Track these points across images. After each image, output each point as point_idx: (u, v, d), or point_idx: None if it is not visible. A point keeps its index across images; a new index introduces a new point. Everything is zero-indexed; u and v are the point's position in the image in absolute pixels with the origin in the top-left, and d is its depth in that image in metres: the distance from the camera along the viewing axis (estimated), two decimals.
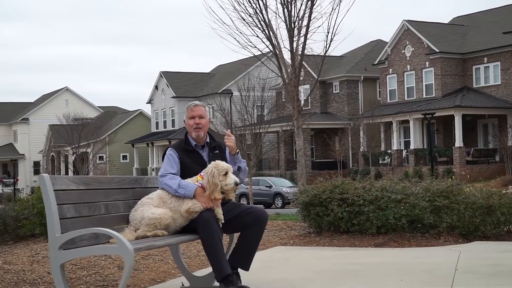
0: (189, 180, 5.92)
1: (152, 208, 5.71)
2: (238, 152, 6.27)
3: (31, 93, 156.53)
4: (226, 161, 6.27)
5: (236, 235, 6.41)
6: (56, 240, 4.87)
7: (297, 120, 14.84)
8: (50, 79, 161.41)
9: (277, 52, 14.65)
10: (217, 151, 6.28)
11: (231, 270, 5.78)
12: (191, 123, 6.20)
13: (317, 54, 15.32)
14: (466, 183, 13.32)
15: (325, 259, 8.38)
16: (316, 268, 7.56)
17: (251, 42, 15.79)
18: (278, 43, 14.81)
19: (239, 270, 6.06)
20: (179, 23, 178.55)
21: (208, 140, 6.30)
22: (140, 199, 5.86)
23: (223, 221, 5.83)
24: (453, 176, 12.62)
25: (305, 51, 14.63)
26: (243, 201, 37.38)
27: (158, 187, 6.03)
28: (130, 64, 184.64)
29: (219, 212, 5.83)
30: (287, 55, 14.89)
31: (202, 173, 5.88)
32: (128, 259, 4.61)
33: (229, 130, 6.46)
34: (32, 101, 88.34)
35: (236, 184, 5.77)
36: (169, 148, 6.22)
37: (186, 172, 6.03)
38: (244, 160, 6.39)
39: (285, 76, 14.85)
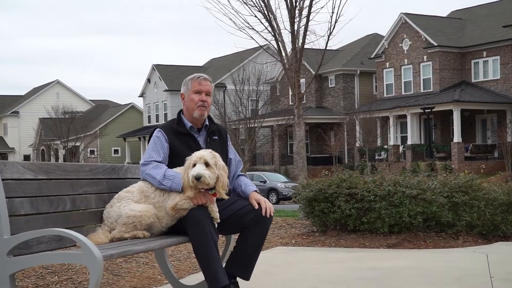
0: (177, 169, 4.79)
1: (131, 204, 4.61)
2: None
3: (21, 86, 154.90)
4: (226, 150, 5.20)
5: (234, 237, 5.36)
6: (4, 244, 3.76)
7: (297, 108, 13.73)
8: (41, 72, 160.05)
9: (277, 34, 13.51)
10: (216, 137, 5.18)
11: (228, 280, 4.70)
12: (196, 99, 5.02)
13: (321, 36, 14.17)
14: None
15: (335, 262, 7.31)
16: (326, 274, 6.49)
17: (248, 23, 14.61)
18: (277, 24, 13.68)
19: (238, 279, 5.00)
20: (173, 15, 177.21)
21: (206, 122, 5.17)
22: (117, 193, 4.76)
23: (218, 221, 4.73)
24: (465, 171, 11.57)
25: (307, 32, 13.50)
26: None
27: (139, 178, 4.92)
28: (122, 57, 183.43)
29: (214, 210, 4.71)
30: (287, 38, 13.82)
31: None
32: (95, 269, 3.50)
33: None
34: (22, 94, 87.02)
35: (197, 178, 4.50)
36: (157, 129, 5.05)
37: (176, 159, 4.88)
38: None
39: (285, 61, 13.75)
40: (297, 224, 11.08)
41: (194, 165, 4.59)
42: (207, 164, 4.60)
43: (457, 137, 42.05)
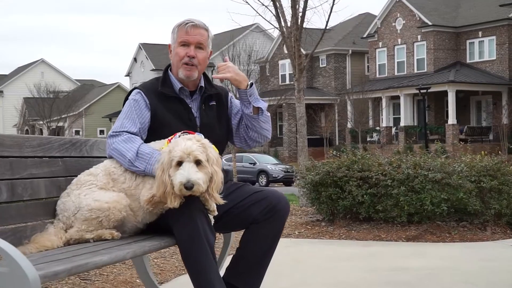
0: (154, 144, 3.50)
1: (95, 192, 3.31)
2: (251, 84, 3.80)
3: (5, 65, 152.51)
4: (229, 121, 3.90)
5: (236, 235, 4.10)
6: None
7: (298, 81, 12.44)
8: (26, 51, 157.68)
9: None
10: (214, 102, 3.82)
11: None
12: (181, 54, 3.68)
13: (325, 0, 12.78)
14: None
15: (352, 260, 6.07)
16: (344, 276, 5.25)
17: None
18: None
19: None
20: None
21: (202, 84, 3.81)
22: (77, 176, 3.47)
23: (216, 213, 3.43)
24: (482, 152, 10.28)
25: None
26: None
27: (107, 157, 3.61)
28: (109, 35, 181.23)
29: (208, 199, 3.40)
30: (287, 3, 12.55)
31: (178, 134, 3.40)
32: None
33: (226, 57, 3.90)
34: (6, 73, 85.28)
35: (188, 187, 3.17)
36: (135, 90, 3.72)
37: (159, 131, 3.58)
38: (265, 101, 3.96)
39: (284, 29, 12.43)
40: (298, 211, 9.86)
41: (179, 163, 3.24)
42: (198, 163, 3.25)
43: (451, 119, 40.96)
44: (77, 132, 64.84)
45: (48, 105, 56.32)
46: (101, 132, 67.79)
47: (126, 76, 66.49)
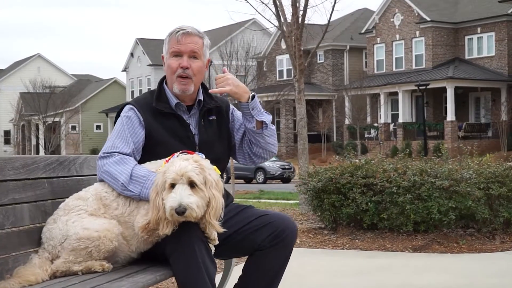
0: (150, 165, 3.21)
1: (84, 219, 3.01)
2: (253, 96, 3.46)
3: (2, 60, 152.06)
4: (231, 137, 3.58)
5: (237, 261, 3.81)
6: None
7: (298, 81, 12.08)
8: (22, 45, 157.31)
9: None
10: (214, 117, 3.50)
11: None
12: (174, 66, 3.37)
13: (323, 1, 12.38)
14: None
15: (359, 275, 5.77)
16: None
17: None
18: None
19: None
20: None
21: (200, 97, 3.48)
22: (64, 200, 3.16)
23: (216, 242, 3.14)
24: (488, 154, 10.06)
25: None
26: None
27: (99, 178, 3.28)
28: (106, 30, 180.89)
29: (208, 226, 3.10)
30: (287, 1, 12.21)
31: (177, 155, 3.09)
32: None
33: (225, 67, 3.59)
34: (3, 68, 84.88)
35: (180, 212, 2.89)
36: (128, 106, 3.41)
37: (156, 151, 3.28)
38: (269, 113, 3.65)
39: (284, 27, 12.10)
40: (298, 216, 9.56)
41: (172, 185, 2.96)
42: (192, 185, 2.97)
43: (450, 116, 40.72)
44: (73, 128, 64.53)
45: (44, 100, 55.97)
46: (98, 127, 67.47)
47: (122, 71, 66.14)
